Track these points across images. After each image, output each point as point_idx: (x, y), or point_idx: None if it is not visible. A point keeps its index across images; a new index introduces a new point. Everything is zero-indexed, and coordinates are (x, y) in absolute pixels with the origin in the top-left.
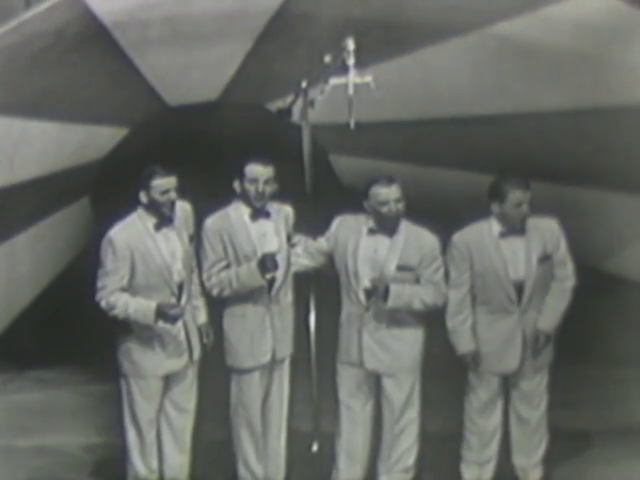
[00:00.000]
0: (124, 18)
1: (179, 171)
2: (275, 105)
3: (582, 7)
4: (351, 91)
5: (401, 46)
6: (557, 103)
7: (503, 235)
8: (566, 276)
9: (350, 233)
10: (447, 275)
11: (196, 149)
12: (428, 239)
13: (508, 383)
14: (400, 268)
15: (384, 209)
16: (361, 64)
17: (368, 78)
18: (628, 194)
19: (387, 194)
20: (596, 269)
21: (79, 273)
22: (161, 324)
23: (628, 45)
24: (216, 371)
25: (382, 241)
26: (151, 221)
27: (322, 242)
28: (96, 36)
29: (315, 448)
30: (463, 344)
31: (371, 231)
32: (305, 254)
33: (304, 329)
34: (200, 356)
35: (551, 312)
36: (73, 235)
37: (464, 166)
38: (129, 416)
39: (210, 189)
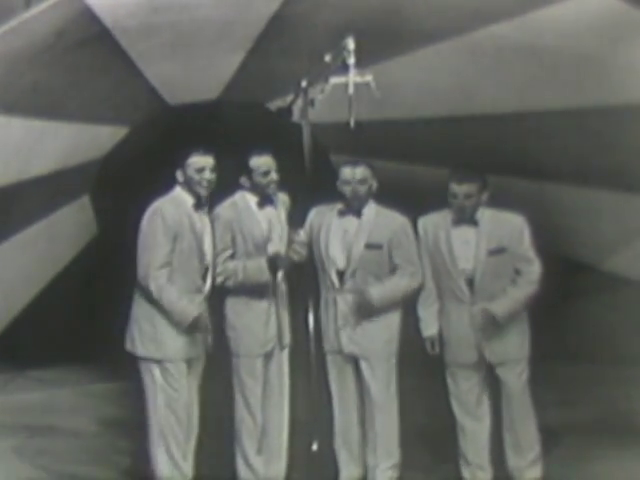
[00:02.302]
0: (124, 17)
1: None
2: (275, 104)
3: (582, 7)
4: (351, 90)
5: (401, 46)
6: (557, 103)
7: (455, 223)
8: (531, 272)
9: (323, 219)
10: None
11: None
12: (397, 218)
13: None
14: (368, 246)
15: (347, 189)
16: (361, 63)
17: (368, 77)
18: (629, 193)
19: (351, 174)
20: (597, 268)
21: (79, 272)
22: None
23: (628, 45)
24: (215, 370)
25: (351, 221)
26: (190, 201)
27: (301, 235)
28: (96, 36)
29: (315, 447)
30: (425, 328)
31: (341, 213)
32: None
33: (302, 325)
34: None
35: (504, 297)
36: (73, 234)
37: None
38: (165, 404)
39: None
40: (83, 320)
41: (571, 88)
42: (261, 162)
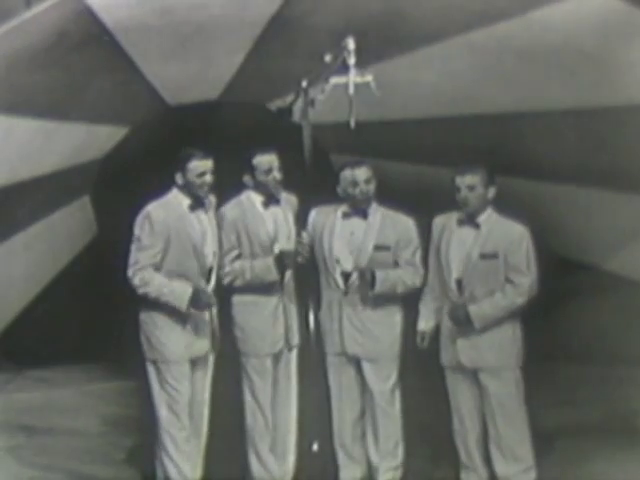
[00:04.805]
0: (124, 18)
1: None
2: (275, 104)
3: (582, 6)
4: (351, 90)
5: (401, 46)
6: (557, 102)
7: (460, 224)
8: (520, 283)
9: (325, 220)
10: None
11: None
12: (403, 220)
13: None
14: (377, 248)
15: (356, 190)
16: (361, 64)
17: (368, 77)
18: (628, 193)
19: (357, 175)
20: (596, 268)
21: (79, 272)
22: (191, 310)
23: (628, 44)
24: (224, 369)
25: (357, 223)
26: (185, 202)
27: (304, 236)
28: (96, 36)
29: (315, 448)
30: (420, 322)
31: (345, 215)
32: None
33: (303, 326)
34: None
35: (487, 301)
36: (73, 234)
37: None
38: (166, 404)
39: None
40: (83, 320)
41: (571, 88)
42: (264, 160)
